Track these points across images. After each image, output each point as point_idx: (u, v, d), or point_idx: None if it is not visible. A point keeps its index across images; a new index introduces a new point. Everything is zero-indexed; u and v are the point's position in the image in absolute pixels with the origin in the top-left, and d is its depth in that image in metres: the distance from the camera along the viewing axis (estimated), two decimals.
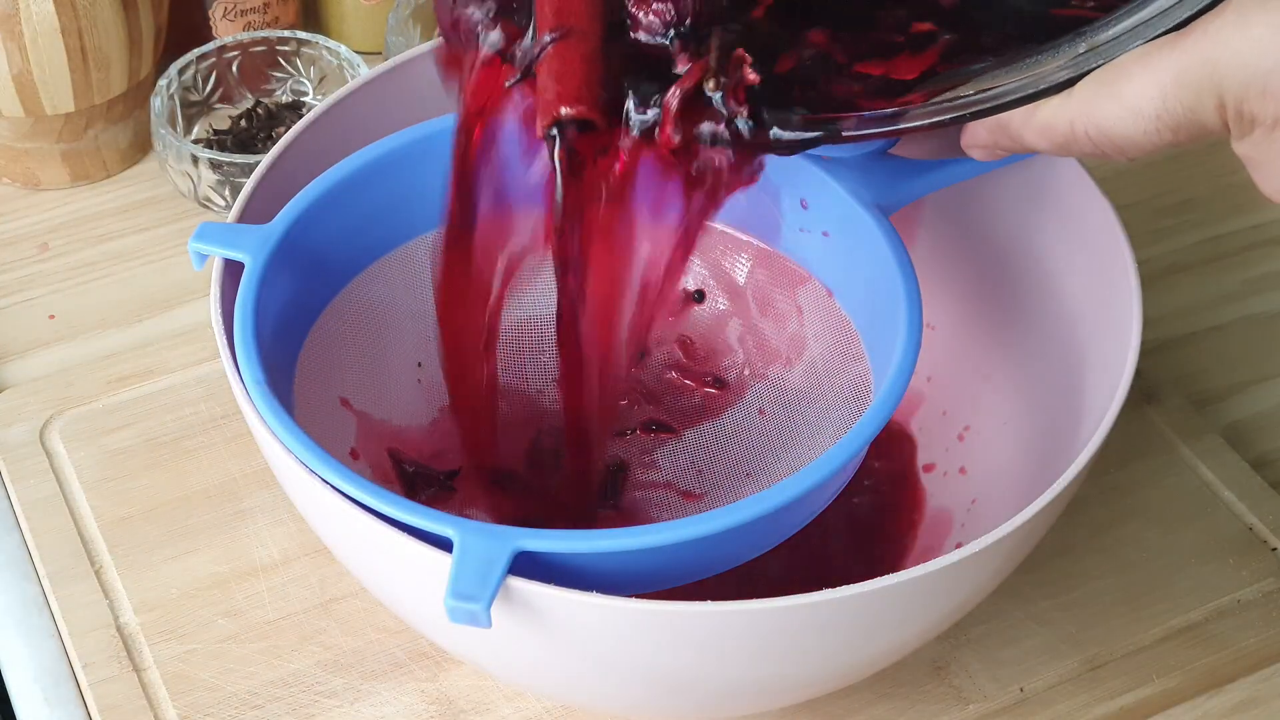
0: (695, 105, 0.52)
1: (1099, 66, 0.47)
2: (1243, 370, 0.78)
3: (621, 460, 0.65)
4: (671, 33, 0.53)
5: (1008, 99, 0.49)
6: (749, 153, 0.52)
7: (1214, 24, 0.43)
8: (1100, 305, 0.62)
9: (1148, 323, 0.59)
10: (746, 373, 0.67)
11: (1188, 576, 0.68)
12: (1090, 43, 0.48)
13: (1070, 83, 0.48)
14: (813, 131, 0.51)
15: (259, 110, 0.87)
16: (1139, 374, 0.58)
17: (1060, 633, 0.66)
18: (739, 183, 0.54)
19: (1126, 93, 0.45)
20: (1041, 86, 0.48)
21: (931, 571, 0.51)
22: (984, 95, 0.50)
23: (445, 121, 0.64)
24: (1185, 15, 0.46)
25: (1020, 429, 0.67)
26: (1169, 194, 0.86)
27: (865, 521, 0.67)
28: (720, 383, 0.67)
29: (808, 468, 0.53)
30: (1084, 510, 0.69)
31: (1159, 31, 0.46)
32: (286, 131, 0.64)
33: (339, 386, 0.63)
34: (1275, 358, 0.78)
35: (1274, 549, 0.69)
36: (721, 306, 0.67)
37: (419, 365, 0.66)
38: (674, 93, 0.52)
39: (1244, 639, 0.66)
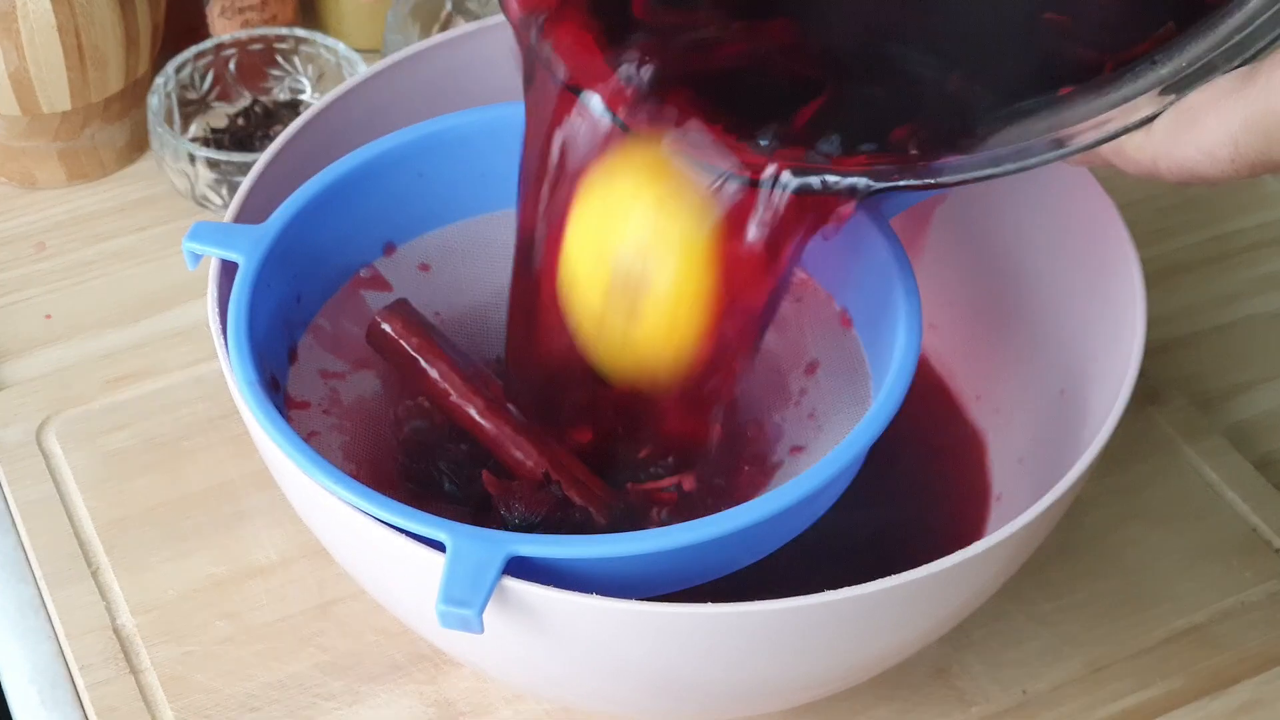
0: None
1: (1173, 103, 0.48)
2: (1246, 370, 0.77)
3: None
4: None
5: (1089, 140, 0.50)
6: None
7: (1277, 75, 0.44)
8: (1103, 305, 0.62)
9: (1151, 323, 0.59)
10: (746, 378, 0.66)
11: (1191, 578, 0.68)
12: (1164, 71, 0.49)
13: (1150, 118, 0.49)
14: (922, 178, 0.52)
15: (256, 108, 0.86)
16: (1142, 374, 0.57)
17: (1063, 634, 0.66)
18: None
19: (1201, 139, 0.46)
20: (1123, 126, 0.49)
21: (933, 573, 0.51)
22: (1066, 134, 0.51)
23: (444, 121, 0.64)
24: (1256, 49, 0.47)
25: (1022, 429, 0.66)
26: (1172, 193, 0.86)
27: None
28: None
29: (803, 475, 0.53)
30: (1087, 511, 0.69)
31: (1231, 65, 0.47)
32: (284, 130, 0.64)
33: (334, 387, 0.63)
34: (1279, 358, 0.78)
35: (1278, 550, 0.69)
36: None
37: None
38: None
39: (1247, 640, 0.66)
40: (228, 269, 0.59)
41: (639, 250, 0.55)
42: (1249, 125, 0.45)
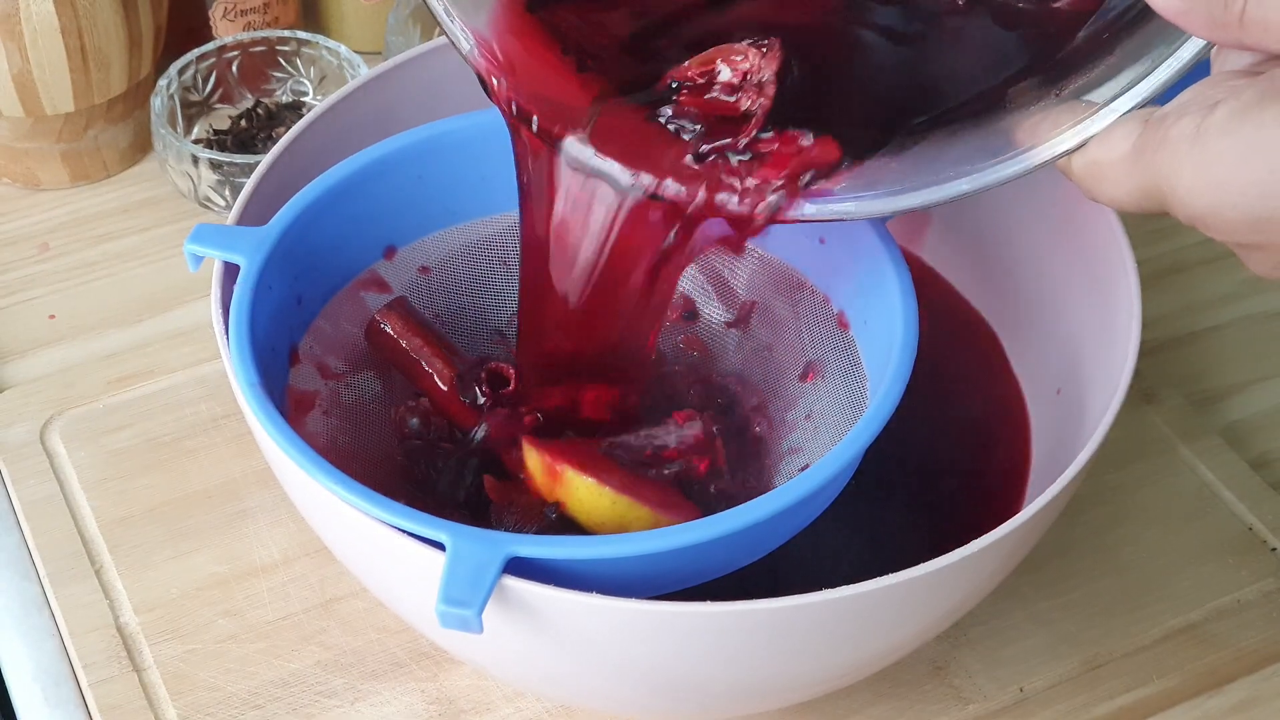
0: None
1: (1086, 141, 0.49)
2: (1242, 370, 0.78)
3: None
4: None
5: (1004, 175, 0.51)
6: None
7: (1159, 156, 0.46)
8: (1100, 305, 0.62)
9: (1147, 323, 0.59)
10: (743, 379, 0.66)
11: (1187, 576, 0.68)
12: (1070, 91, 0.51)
13: (1070, 151, 0.50)
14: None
15: (259, 110, 0.87)
16: (1138, 374, 0.58)
17: (1060, 633, 0.66)
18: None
19: (1110, 194, 0.48)
20: (1043, 159, 0.50)
21: (930, 571, 0.51)
22: (979, 166, 0.52)
23: (445, 124, 0.64)
24: (1154, 87, 0.49)
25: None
26: None
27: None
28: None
29: (801, 476, 0.53)
30: (1083, 510, 0.69)
31: (1133, 105, 0.49)
32: (286, 132, 0.64)
33: (335, 387, 0.63)
34: (1274, 357, 0.78)
35: (1273, 549, 0.69)
36: (718, 312, 0.67)
37: None
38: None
39: (1243, 639, 0.66)
40: (231, 270, 0.59)
41: None
42: (1143, 193, 0.47)
